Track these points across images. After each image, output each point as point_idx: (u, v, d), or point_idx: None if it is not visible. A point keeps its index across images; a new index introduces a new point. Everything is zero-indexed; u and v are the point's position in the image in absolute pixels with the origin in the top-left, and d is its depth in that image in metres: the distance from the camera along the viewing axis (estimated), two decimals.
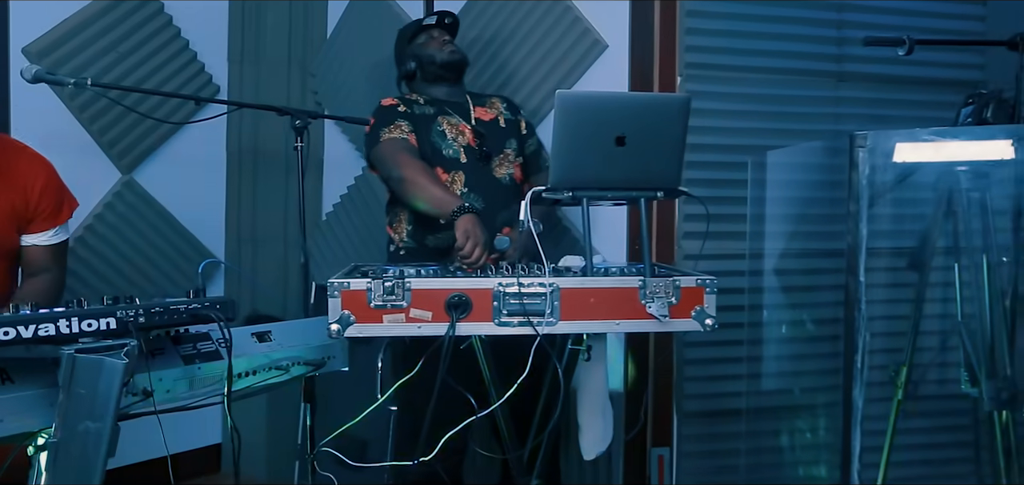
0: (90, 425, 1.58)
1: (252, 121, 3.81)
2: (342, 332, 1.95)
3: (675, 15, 2.96)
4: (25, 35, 3.17)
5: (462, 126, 2.77)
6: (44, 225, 2.45)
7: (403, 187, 2.58)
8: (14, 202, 2.38)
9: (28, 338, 1.53)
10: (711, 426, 2.95)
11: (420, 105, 2.81)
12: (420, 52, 2.87)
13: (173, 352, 1.86)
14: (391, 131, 2.69)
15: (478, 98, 2.91)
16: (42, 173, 2.46)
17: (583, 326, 2.02)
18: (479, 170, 2.72)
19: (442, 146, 2.72)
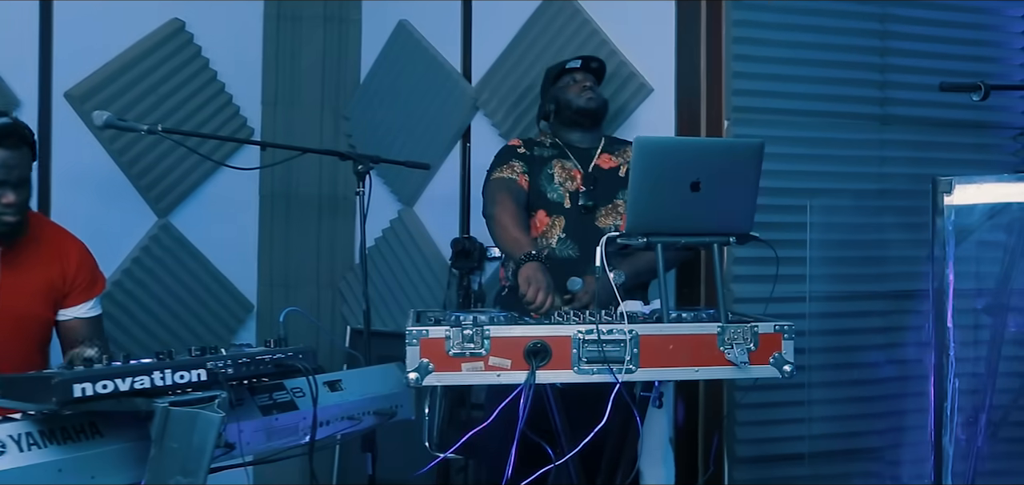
0: (181, 480, 1.55)
1: (285, 164, 3.78)
2: (421, 381, 1.92)
3: (721, 58, 2.97)
4: (67, 79, 3.16)
5: (574, 172, 2.76)
6: (81, 298, 2.47)
7: (490, 225, 2.64)
8: (51, 277, 2.40)
9: (125, 391, 1.49)
10: (766, 471, 2.92)
11: (543, 147, 2.83)
12: (559, 95, 2.84)
13: (251, 403, 1.83)
14: (502, 170, 2.73)
15: (613, 144, 2.89)
16: (75, 250, 2.50)
17: (662, 373, 2.01)
18: (580, 217, 2.70)
19: (547, 190, 2.73)
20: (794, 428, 2.89)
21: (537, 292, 2.30)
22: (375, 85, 3.79)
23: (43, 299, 2.36)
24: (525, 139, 2.90)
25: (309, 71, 3.84)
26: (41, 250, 2.36)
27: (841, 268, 3.01)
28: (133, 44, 3.33)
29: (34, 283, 2.32)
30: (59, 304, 2.40)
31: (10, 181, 2.18)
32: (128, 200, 3.35)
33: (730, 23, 2.96)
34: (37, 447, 1.48)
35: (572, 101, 2.82)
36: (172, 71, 3.45)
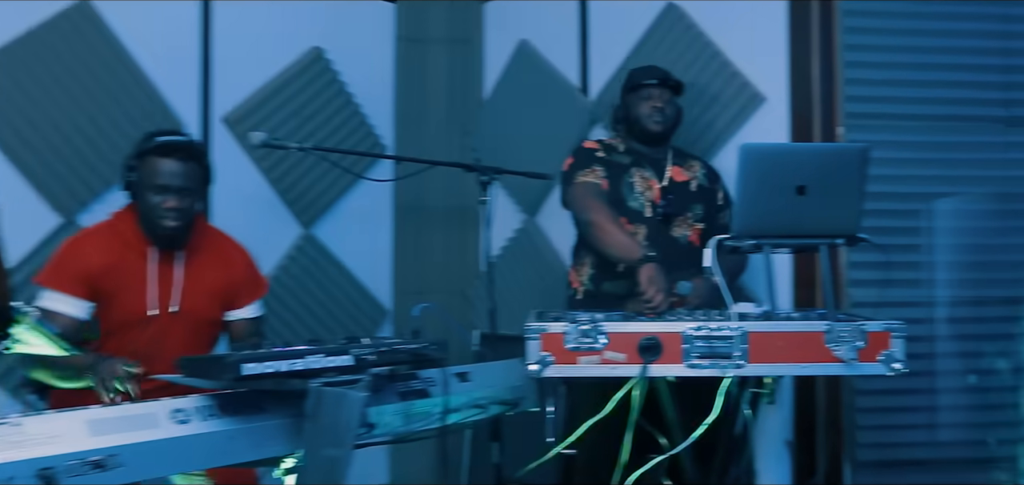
0: (331, 452, 1.76)
1: (416, 178, 4.03)
2: (541, 372, 2.09)
3: (834, 64, 3.02)
4: (224, 105, 3.51)
5: (652, 182, 2.87)
6: (246, 300, 2.73)
7: (591, 231, 2.73)
8: (222, 282, 2.67)
9: (284, 372, 1.73)
10: (887, 476, 2.92)
11: (618, 152, 2.93)
12: (631, 106, 2.93)
13: (390, 389, 2.03)
14: (585, 175, 2.83)
15: (680, 157, 2.99)
16: (242, 257, 2.78)
17: (771, 369, 2.10)
18: (659, 227, 2.81)
19: (629, 198, 2.84)
20: (916, 434, 2.89)
21: (657, 293, 2.43)
22: (498, 102, 4.00)
23: (217, 302, 2.64)
24: (600, 142, 2.99)
25: (436, 91, 4.09)
26: (213, 257, 2.65)
27: (965, 272, 2.99)
28: (280, 72, 3.66)
29: (209, 287, 2.61)
30: (228, 306, 2.68)
31: (172, 188, 2.45)
32: (276, 213, 3.67)
33: (843, 28, 3.00)
34: (215, 418, 1.73)
35: (642, 119, 2.90)
36: (313, 95, 3.76)
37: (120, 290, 2.46)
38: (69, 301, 2.39)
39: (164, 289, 2.52)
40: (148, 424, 1.64)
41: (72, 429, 1.55)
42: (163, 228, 2.47)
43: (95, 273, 2.43)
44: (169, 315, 2.51)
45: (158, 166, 2.45)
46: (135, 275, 2.48)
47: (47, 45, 3.05)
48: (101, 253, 2.46)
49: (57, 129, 3.06)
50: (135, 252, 2.50)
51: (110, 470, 1.55)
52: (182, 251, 2.56)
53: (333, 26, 3.83)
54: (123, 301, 2.46)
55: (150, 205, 2.45)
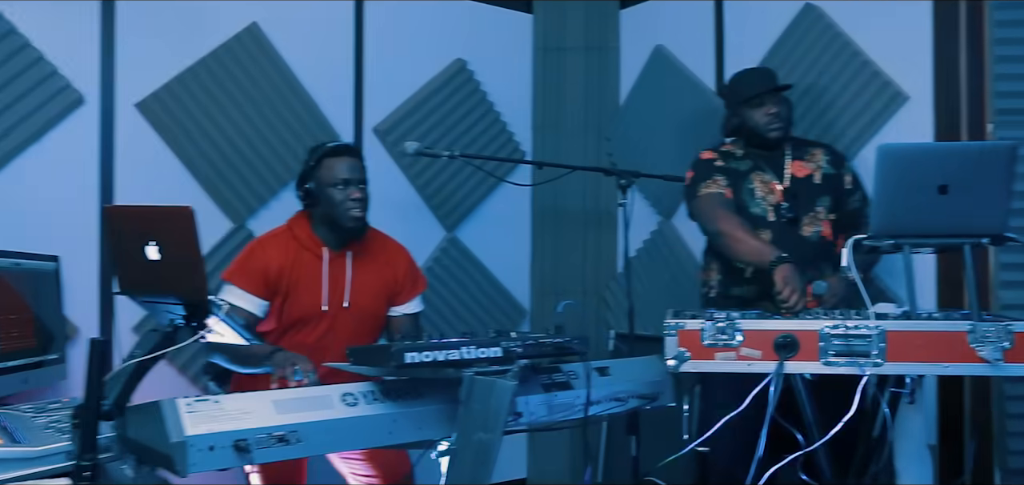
0: (482, 436, 1.91)
1: (553, 182, 4.17)
2: (678, 367, 2.17)
3: (983, 61, 2.95)
4: (375, 116, 3.75)
5: (773, 185, 2.89)
6: (408, 296, 2.95)
7: (721, 241, 2.78)
8: (387, 279, 2.90)
9: (441, 361, 1.89)
10: None
11: (736, 159, 2.96)
12: (747, 116, 2.94)
13: (535, 381, 2.17)
14: (708, 186, 2.88)
15: (800, 149, 2.98)
16: (404, 254, 3.00)
17: (910, 368, 2.10)
18: (785, 229, 2.82)
19: (750, 204, 2.87)
20: None
21: (793, 293, 2.46)
22: (634, 107, 4.09)
23: (382, 298, 2.87)
24: (717, 150, 3.00)
25: (573, 97, 4.22)
26: (379, 256, 2.87)
27: None
28: (425, 83, 3.87)
29: (376, 283, 2.84)
30: (391, 302, 2.90)
31: (354, 180, 2.72)
32: (422, 217, 3.89)
33: (993, 23, 2.92)
34: (379, 402, 1.91)
35: (759, 128, 2.90)
36: (457, 104, 3.96)
37: (296, 288, 2.72)
38: (248, 298, 2.66)
39: (336, 287, 2.76)
40: (323, 406, 1.84)
41: (261, 408, 1.77)
42: (352, 218, 2.72)
43: (273, 274, 2.69)
44: (341, 310, 2.75)
45: (336, 165, 2.71)
46: (310, 275, 2.73)
47: (223, 65, 3.36)
48: (279, 255, 2.72)
49: (230, 142, 3.37)
50: (310, 254, 2.75)
51: (292, 444, 1.76)
52: (350, 251, 2.79)
53: (474, 38, 4.03)
54: (299, 298, 2.72)
55: (336, 201, 2.70)
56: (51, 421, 2.17)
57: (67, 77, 3.05)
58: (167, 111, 3.25)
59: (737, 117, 2.98)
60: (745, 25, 3.65)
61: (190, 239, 1.88)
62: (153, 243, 1.94)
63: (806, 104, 3.35)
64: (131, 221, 1.99)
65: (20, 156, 2.98)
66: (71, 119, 3.07)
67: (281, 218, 3.16)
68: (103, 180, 3.13)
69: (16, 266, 2.70)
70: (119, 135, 3.17)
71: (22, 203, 2.95)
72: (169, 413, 1.65)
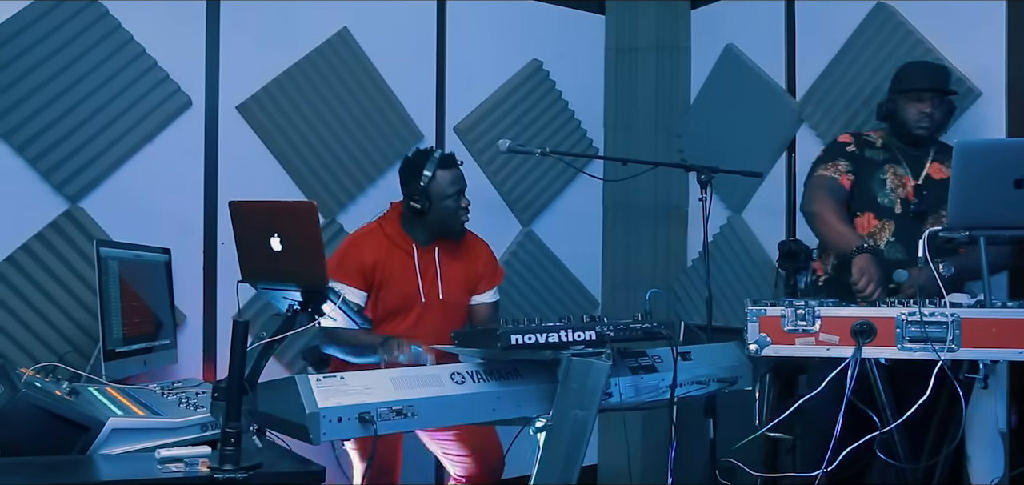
0: (578, 413, 2.06)
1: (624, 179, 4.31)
2: (760, 351, 2.30)
3: None
4: (456, 115, 3.93)
5: (906, 179, 2.93)
6: (486, 286, 3.18)
7: (812, 221, 2.89)
8: (470, 271, 3.13)
9: (541, 343, 2.05)
10: None
11: (874, 147, 3.00)
12: (900, 106, 2.93)
13: (623, 364, 2.31)
14: (826, 168, 2.96)
15: (943, 153, 2.97)
16: (484, 248, 3.23)
17: (985, 353, 2.19)
18: (910, 224, 2.86)
19: (879, 194, 2.92)
20: None
21: (868, 283, 2.56)
22: (705, 104, 4.20)
23: (466, 288, 3.10)
24: (857, 135, 3.05)
25: (644, 95, 4.33)
26: (462, 249, 3.09)
27: None
28: (502, 84, 4.04)
29: (461, 275, 3.06)
30: (472, 291, 3.11)
31: (462, 189, 2.99)
32: (500, 212, 4.06)
33: None
34: (483, 381, 2.08)
35: (909, 122, 2.92)
36: (533, 104, 4.12)
37: (389, 281, 2.94)
38: (350, 290, 2.87)
39: (429, 279, 2.98)
40: (435, 383, 2.01)
41: (381, 384, 1.95)
42: (461, 224, 3.02)
43: (369, 267, 2.93)
44: (435, 301, 2.97)
45: (449, 176, 2.99)
46: (403, 268, 2.96)
47: (316, 68, 3.57)
48: (373, 250, 2.96)
49: (322, 141, 3.57)
50: (401, 250, 2.98)
51: (408, 418, 1.94)
52: (437, 246, 2.99)
53: (549, 39, 4.18)
54: (392, 291, 2.94)
55: (450, 210, 2.98)
56: (180, 398, 2.38)
57: (177, 82, 3.28)
58: (265, 113, 3.46)
59: (892, 103, 2.99)
60: (817, 24, 3.73)
61: (313, 232, 2.06)
62: (276, 235, 2.13)
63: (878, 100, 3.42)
64: (256, 215, 2.18)
65: (136, 156, 3.21)
66: (180, 121, 3.30)
67: (369, 213, 3.38)
68: (207, 178, 3.36)
69: (136, 257, 2.93)
70: (222, 136, 3.39)
71: (137, 199, 3.19)
72: (303, 388, 1.84)
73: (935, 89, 2.92)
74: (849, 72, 3.55)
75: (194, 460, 1.85)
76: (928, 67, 3.00)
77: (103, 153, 3.13)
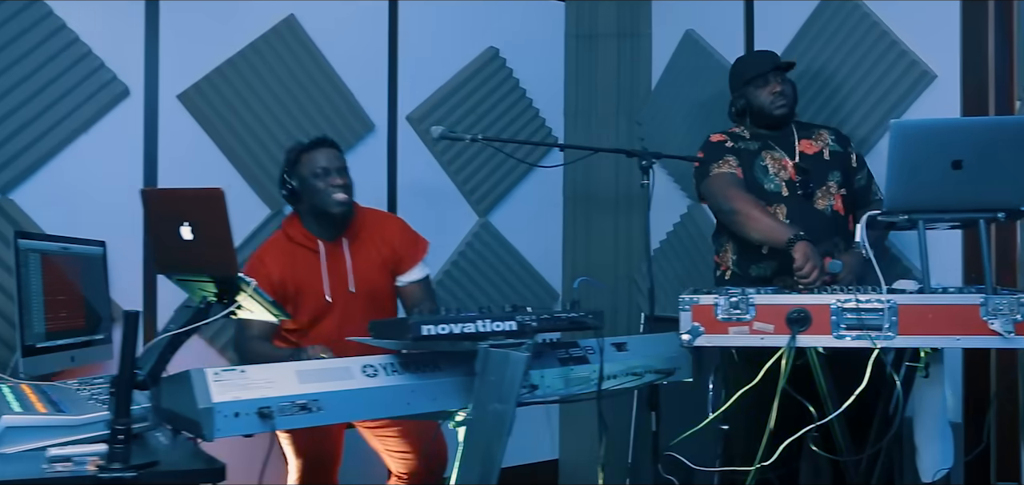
0: (497, 407, 1.98)
1: (585, 168, 4.23)
2: (693, 341, 2.22)
3: (1012, 38, 2.92)
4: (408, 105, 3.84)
5: (784, 161, 2.93)
6: (410, 264, 3.03)
7: (735, 219, 2.82)
8: (385, 253, 2.99)
9: (457, 334, 1.97)
10: None
11: (746, 140, 3.01)
12: (751, 97, 2.99)
13: (551, 355, 2.23)
14: (720, 166, 2.93)
15: (805, 130, 3.04)
16: (397, 223, 3.10)
17: (921, 341, 2.12)
18: (800, 204, 2.87)
19: (764, 181, 2.91)
20: None
21: (813, 269, 2.50)
22: (665, 91, 4.12)
23: (385, 273, 2.96)
24: (727, 132, 3.04)
25: (605, 83, 4.26)
26: (372, 233, 2.97)
27: None
28: (457, 72, 3.95)
29: (376, 261, 2.94)
30: (395, 273, 2.99)
31: (333, 168, 2.85)
32: (455, 203, 3.98)
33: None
34: (397, 373, 2.00)
35: (764, 106, 2.95)
36: (489, 92, 4.03)
37: (302, 288, 2.84)
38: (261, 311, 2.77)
39: (338, 275, 2.88)
40: (344, 376, 1.93)
41: (285, 378, 1.86)
42: (337, 203, 2.83)
43: (277, 281, 2.81)
44: (349, 296, 2.86)
45: (315, 156, 2.85)
46: (311, 270, 2.85)
47: (261, 57, 3.48)
48: (277, 262, 2.84)
49: (268, 131, 3.48)
50: (306, 251, 2.88)
51: (313, 412, 1.86)
52: (345, 237, 2.90)
53: (507, 26, 4.09)
54: (306, 296, 2.85)
55: (318, 191, 2.82)
56: (94, 393, 2.29)
57: (113, 70, 3.19)
58: (207, 102, 3.37)
59: (742, 99, 3.03)
60: (776, 8, 3.65)
61: (221, 219, 1.97)
62: (187, 224, 2.04)
63: (834, 85, 3.36)
64: (166, 203, 2.09)
65: (69, 146, 3.12)
66: (117, 111, 3.21)
67: None
68: (147, 169, 3.27)
69: (64, 250, 2.84)
70: (163, 126, 3.30)
71: (72, 191, 3.10)
72: (197, 382, 1.76)
73: (776, 67, 2.97)
74: (805, 56, 3.47)
75: (83, 459, 1.77)
76: (759, 54, 3.11)
77: (34, 144, 3.04)
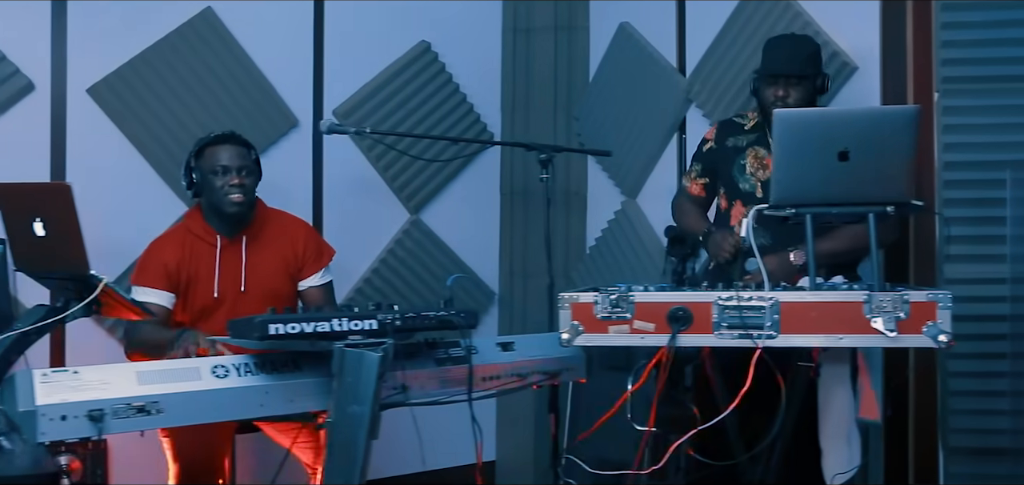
0: (355, 409, 1.90)
1: (523, 163, 4.15)
2: (572, 341, 2.14)
3: (930, 29, 2.85)
4: (335, 99, 3.76)
5: (767, 159, 2.82)
6: (313, 269, 2.98)
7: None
8: (287, 257, 2.93)
9: (309, 333, 1.89)
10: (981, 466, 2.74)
11: (741, 132, 2.92)
12: (759, 91, 2.83)
13: (428, 355, 2.15)
14: (685, 179, 3.09)
15: None
16: (302, 229, 3.04)
17: (804, 340, 2.04)
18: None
19: (740, 180, 2.85)
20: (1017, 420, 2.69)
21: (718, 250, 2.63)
22: (600, 85, 4.04)
23: (283, 276, 2.90)
24: (724, 123, 2.96)
25: (542, 77, 4.17)
26: (275, 235, 2.91)
27: None
28: (386, 67, 3.87)
29: (274, 262, 2.88)
30: (296, 277, 2.93)
31: (234, 167, 2.77)
32: (385, 200, 3.89)
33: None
34: (251, 374, 1.92)
35: (765, 103, 2.81)
36: (420, 87, 3.94)
37: (194, 279, 2.79)
38: (156, 294, 2.74)
39: (231, 273, 2.81)
40: (190, 377, 1.85)
41: (123, 378, 1.79)
42: (231, 206, 2.77)
43: (172, 268, 2.77)
44: (239, 295, 2.80)
45: (217, 152, 2.78)
46: (205, 264, 2.80)
47: (176, 51, 3.39)
48: (175, 249, 2.80)
49: (182, 126, 3.39)
50: (204, 243, 2.82)
51: (152, 415, 1.78)
52: (245, 235, 2.84)
53: (441, 20, 4.00)
54: (196, 289, 2.79)
55: (215, 189, 2.76)
56: None
57: (16, 63, 3.11)
58: (118, 96, 3.29)
59: (757, 81, 2.85)
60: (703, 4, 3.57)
61: (69, 214, 1.91)
62: (39, 219, 1.97)
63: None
64: (18, 197, 2.02)
65: None
66: (21, 106, 3.13)
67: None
68: (54, 165, 3.18)
69: None
70: (71, 121, 3.22)
71: None
72: (22, 383, 1.68)
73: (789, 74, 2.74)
74: (733, 49, 3.40)
75: None
76: (789, 45, 2.81)
77: None
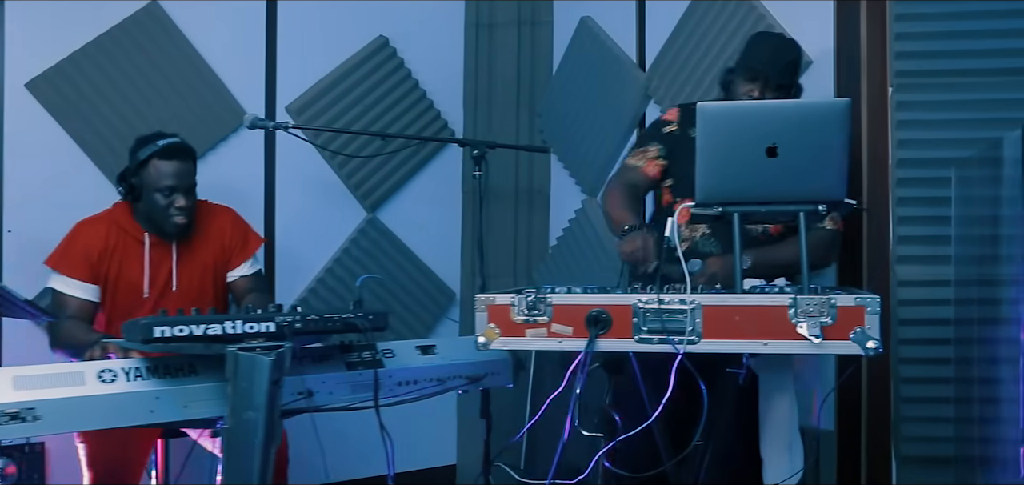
0: (251, 414, 1.82)
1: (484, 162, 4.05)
2: (488, 344, 2.04)
3: (885, 22, 2.75)
4: (288, 95, 3.67)
5: None
6: (240, 259, 2.89)
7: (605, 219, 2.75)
8: (214, 249, 2.85)
9: (199, 336, 1.80)
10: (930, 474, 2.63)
11: None
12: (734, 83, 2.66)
13: (339, 359, 2.06)
14: (634, 156, 2.77)
15: None
16: (228, 218, 2.92)
17: (727, 345, 1.95)
18: None
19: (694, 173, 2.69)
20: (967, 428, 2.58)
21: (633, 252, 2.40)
22: (562, 81, 3.95)
23: (213, 274, 2.82)
24: (687, 109, 2.72)
25: (505, 73, 4.08)
26: (202, 232, 2.81)
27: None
28: (342, 62, 3.78)
29: (203, 263, 2.79)
30: (224, 269, 2.85)
31: (180, 188, 2.65)
32: (340, 198, 3.80)
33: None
34: (141, 379, 1.84)
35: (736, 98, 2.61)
36: (377, 83, 3.85)
37: (120, 275, 2.68)
38: (77, 285, 2.62)
39: (161, 271, 2.72)
40: (73, 382, 1.77)
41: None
42: (174, 226, 2.68)
43: (95, 256, 2.65)
44: (170, 294, 2.70)
45: (163, 169, 2.64)
46: (133, 261, 2.69)
47: (120, 46, 3.31)
48: (101, 238, 2.68)
49: (126, 122, 3.31)
50: (132, 239, 2.71)
51: (29, 422, 1.69)
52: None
53: (401, 14, 3.91)
54: (123, 287, 2.69)
55: (159, 206, 2.65)
56: None
57: None
58: (59, 91, 3.21)
59: (730, 75, 2.69)
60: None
61: None
62: None
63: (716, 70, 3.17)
64: None
65: None
66: None
67: None
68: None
69: None
70: (9, 116, 3.14)
71: None
72: None
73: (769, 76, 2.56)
74: (689, 44, 3.31)
75: None
76: (775, 45, 2.65)
77: None
